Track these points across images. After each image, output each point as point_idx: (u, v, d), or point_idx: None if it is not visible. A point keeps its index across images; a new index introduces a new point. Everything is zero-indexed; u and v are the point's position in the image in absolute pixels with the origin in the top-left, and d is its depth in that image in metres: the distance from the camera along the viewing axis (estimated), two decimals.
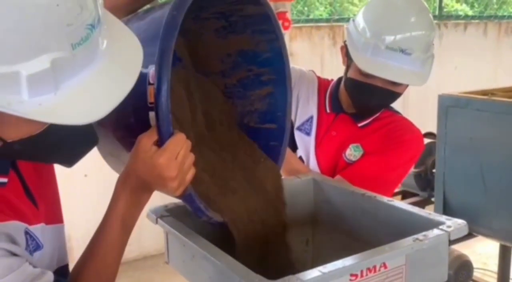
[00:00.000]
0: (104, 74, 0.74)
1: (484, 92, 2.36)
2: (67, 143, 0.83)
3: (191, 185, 0.98)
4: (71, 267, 0.99)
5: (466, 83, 3.50)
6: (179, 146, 0.92)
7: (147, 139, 0.91)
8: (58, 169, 1.03)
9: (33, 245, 0.87)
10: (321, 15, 4.58)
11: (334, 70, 1.83)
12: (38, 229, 0.89)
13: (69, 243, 4.04)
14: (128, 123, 1.00)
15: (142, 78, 0.92)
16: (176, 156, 0.91)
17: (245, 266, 0.91)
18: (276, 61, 1.20)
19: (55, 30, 0.67)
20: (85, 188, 3.47)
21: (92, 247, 0.94)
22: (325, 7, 4.75)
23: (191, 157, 0.94)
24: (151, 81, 0.92)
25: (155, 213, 1.17)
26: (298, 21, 4.17)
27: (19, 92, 0.66)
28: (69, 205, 3.42)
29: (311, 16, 4.46)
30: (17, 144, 0.76)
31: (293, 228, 1.29)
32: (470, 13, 5.33)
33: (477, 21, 5.11)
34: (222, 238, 1.07)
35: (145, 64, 0.93)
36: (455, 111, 2.30)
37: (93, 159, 3.79)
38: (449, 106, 2.31)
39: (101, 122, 1.02)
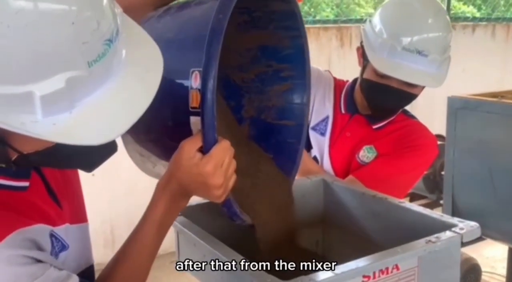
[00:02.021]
0: (122, 90, 0.72)
1: (493, 95, 2.35)
2: (84, 152, 0.80)
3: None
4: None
5: (474, 85, 3.48)
6: (225, 153, 0.90)
7: (190, 146, 0.89)
8: None
9: (59, 246, 0.86)
10: (327, 16, 4.58)
11: (341, 71, 1.82)
12: (63, 230, 0.89)
13: None
14: (164, 126, 0.98)
15: (183, 81, 0.91)
16: (222, 164, 0.90)
17: (256, 266, 0.91)
18: (297, 58, 1.19)
19: (70, 49, 0.64)
20: (92, 187, 3.46)
21: (125, 250, 0.93)
22: (332, 9, 4.75)
23: (234, 164, 0.93)
24: (194, 86, 0.91)
25: None
26: (305, 22, 4.16)
27: (33, 112, 0.65)
28: None
29: (317, 17, 4.45)
30: (33, 156, 0.76)
31: (303, 229, 1.29)
32: (477, 15, 5.31)
33: (485, 23, 5.09)
34: (233, 238, 1.07)
35: (185, 67, 0.92)
36: (464, 114, 2.29)
37: None
38: (458, 108, 2.30)
39: (132, 126, 1.02)
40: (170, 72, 0.96)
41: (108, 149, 0.85)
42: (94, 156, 0.84)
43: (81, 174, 0.98)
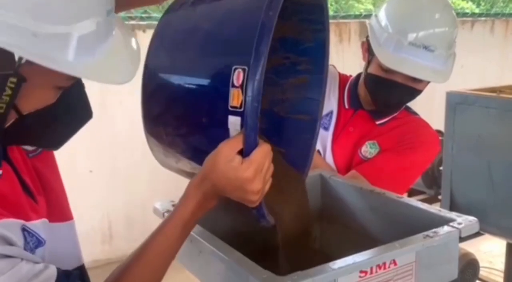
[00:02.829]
0: (123, 40, 0.81)
1: (492, 90, 2.34)
2: (73, 111, 0.86)
3: None
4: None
5: (473, 81, 3.48)
6: (265, 157, 0.88)
7: (230, 148, 0.86)
8: (63, 164, 1.01)
9: (34, 241, 0.84)
10: None
11: (340, 67, 1.81)
12: (38, 225, 0.86)
13: None
14: (198, 123, 0.95)
15: (223, 78, 0.89)
16: (262, 169, 0.88)
17: (252, 262, 0.90)
18: (316, 52, 1.17)
19: None
20: (90, 184, 3.47)
21: (147, 246, 0.90)
22: (331, 5, 4.73)
23: (272, 168, 0.91)
24: (236, 84, 0.87)
25: (162, 208, 1.16)
26: None
27: (66, 53, 0.70)
28: (74, 201, 3.43)
29: None
30: (30, 117, 0.78)
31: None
32: (476, 11, 5.29)
33: (484, 19, 5.07)
34: (230, 234, 1.06)
35: (227, 63, 0.89)
36: (463, 109, 2.28)
37: (98, 155, 3.82)
38: (457, 103, 2.29)
39: (160, 119, 0.99)
40: (210, 67, 0.95)
41: (88, 113, 0.90)
42: (76, 120, 0.89)
43: (79, 171, 0.97)
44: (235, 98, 0.87)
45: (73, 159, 3.39)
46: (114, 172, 3.57)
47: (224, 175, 0.87)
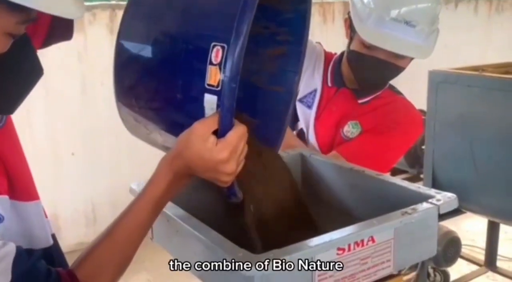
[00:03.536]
0: None
1: (474, 68, 2.34)
2: (23, 69, 0.84)
3: None
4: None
5: (456, 61, 3.48)
6: (241, 139, 0.86)
7: (205, 128, 0.85)
8: (44, 147, 0.98)
9: None
10: None
11: (324, 47, 1.79)
12: None
13: (56, 222, 4.02)
14: (172, 97, 0.92)
15: (200, 54, 0.85)
16: (236, 150, 0.86)
17: (228, 240, 0.89)
18: (296, 24, 1.15)
19: None
20: (72, 166, 3.43)
21: (116, 225, 0.88)
22: None
23: (246, 150, 0.90)
24: (214, 62, 0.84)
25: (138, 188, 1.14)
26: None
27: None
28: (56, 183, 3.41)
29: None
30: None
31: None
32: None
33: None
34: (206, 213, 1.05)
35: (206, 38, 0.86)
36: (445, 87, 2.27)
37: (80, 137, 3.77)
38: (439, 82, 2.28)
39: (132, 90, 0.96)
40: (186, 40, 0.91)
41: (38, 70, 0.88)
42: (27, 77, 0.86)
43: (61, 154, 0.94)
44: (212, 76, 0.85)
45: (54, 142, 3.35)
46: (97, 154, 3.54)
47: (198, 155, 0.85)
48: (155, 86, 0.95)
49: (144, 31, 0.99)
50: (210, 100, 0.86)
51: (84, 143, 3.48)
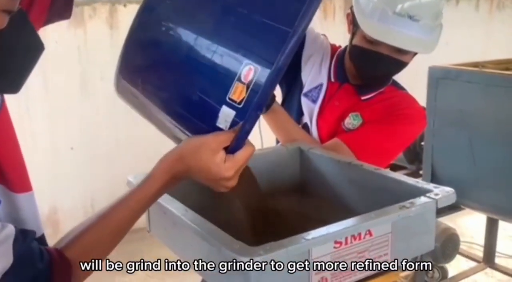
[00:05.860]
0: None
1: (474, 64, 2.34)
2: (23, 47, 0.83)
3: None
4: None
5: (457, 58, 3.47)
6: (248, 159, 0.88)
7: (218, 143, 0.85)
8: (43, 141, 0.97)
9: None
10: None
11: None
12: None
13: (55, 215, 4.01)
14: (187, 96, 0.89)
15: (231, 65, 0.83)
16: (241, 169, 0.88)
17: (225, 232, 0.89)
18: None
19: None
20: (71, 160, 3.43)
21: (109, 212, 0.88)
22: None
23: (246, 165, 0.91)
24: (243, 80, 0.82)
25: (135, 181, 1.13)
26: None
27: None
28: (55, 178, 3.40)
29: None
30: None
31: (280, 197, 1.27)
32: None
33: None
34: (203, 206, 1.05)
35: (240, 52, 0.84)
36: (445, 83, 2.28)
37: (79, 132, 3.76)
38: (439, 78, 2.29)
39: (145, 74, 0.94)
40: (223, 45, 0.86)
41: (39, 45, 0.87)
42: (28, 54, 0.85)
43: (60, 148, 0.93)
44: (237, 92, 0.83)
45: (54, 136, 3.34)
46: (96, 148, 3.53)
47: (204, 166, 0.86)
48: (172, 76, 0.91)
49: (180, 15, 0.93)
50: (227, 113, 0.84)
51: (83, 137, 3.48)
